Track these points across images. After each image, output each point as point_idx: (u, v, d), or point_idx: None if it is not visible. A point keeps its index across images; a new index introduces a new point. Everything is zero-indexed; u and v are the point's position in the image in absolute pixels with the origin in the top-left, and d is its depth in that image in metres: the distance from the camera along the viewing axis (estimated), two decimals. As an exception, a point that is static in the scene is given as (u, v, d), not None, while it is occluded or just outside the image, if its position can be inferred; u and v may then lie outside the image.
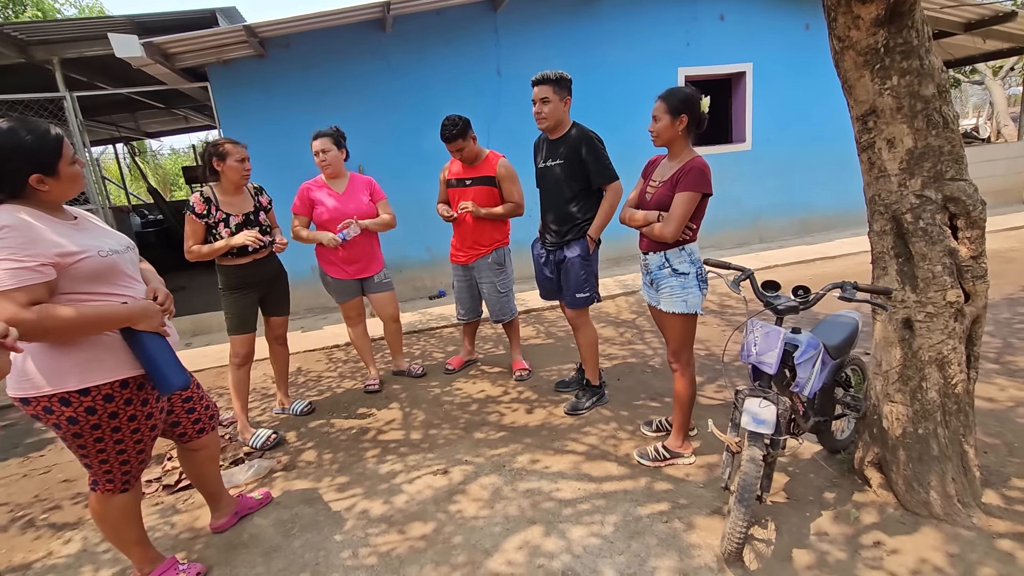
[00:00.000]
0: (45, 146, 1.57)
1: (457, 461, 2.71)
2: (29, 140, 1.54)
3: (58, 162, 1.59)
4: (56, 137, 1.60)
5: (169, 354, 1.81)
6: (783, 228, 7.22)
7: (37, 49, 4.52)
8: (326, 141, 3.21)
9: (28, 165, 1.55)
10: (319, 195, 3.29)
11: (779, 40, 6.61)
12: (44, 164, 1.57)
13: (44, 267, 1.52)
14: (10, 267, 1.46)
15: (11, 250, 1.48)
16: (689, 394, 2.44)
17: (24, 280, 1.48)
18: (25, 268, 1.48)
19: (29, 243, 1.51)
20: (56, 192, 1.63)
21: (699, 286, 2.31)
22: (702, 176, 2.19)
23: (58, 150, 1.59)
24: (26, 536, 2.49)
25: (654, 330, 4.36)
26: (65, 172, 1.62)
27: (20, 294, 1.47)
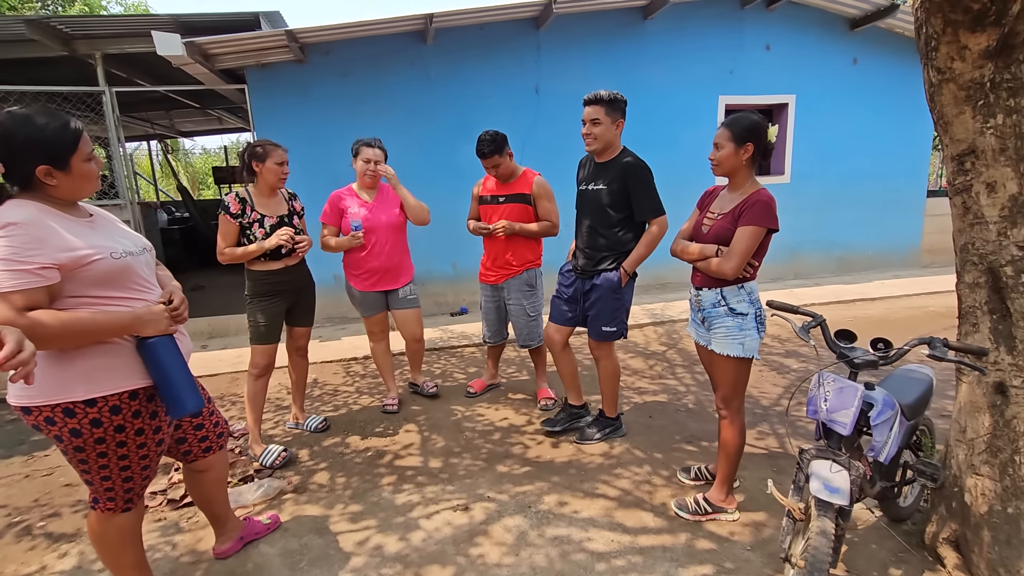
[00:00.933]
0: (60, 138, 1.46)
1: (479, 497, 2.53)
2: (44, 130, 1.44)
3: (71, 156, 1.49)
4: (74, 131, 1.50)
5: (185, 372, 1.68)
6: (820, 265, 6.97)
7: (80, 43, 4.54)
8: (380, 152, 3.16)
9: (39, 156, 1.44)
10: (349, 204, 3.20)
11: (825, 73, 6.45)
12: (56, 157, 1.46)
13: (45, 270, 1.41)
14: (8, 268, 1.35)
15: (13, 250, 1.36)
16: (738, 444, 2.24)
17: (21, 283, 1.36)
18: (24, 270, 1.37)
19: (34, 243, 1.39)
20: (66, 188, 1.52)
21: (757, 328, 2.12)
22: (768, 210, 2.02)
23: (73, 144, 1.49)
24: (20, 545, 2.35)
25: (686, 364, 4.16)
26: (78, 168, 1.51)
27: (16, 297, 1.35)
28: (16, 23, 4.16)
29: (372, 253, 3.19)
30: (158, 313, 1.61)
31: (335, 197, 3.22)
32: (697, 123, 6.17)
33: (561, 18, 5.45)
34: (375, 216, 3.18)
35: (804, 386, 3.35)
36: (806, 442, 2.89)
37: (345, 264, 3.29)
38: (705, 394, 3.58)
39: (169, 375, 1.62)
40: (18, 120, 1.44)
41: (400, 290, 3.35)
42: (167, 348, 1.63)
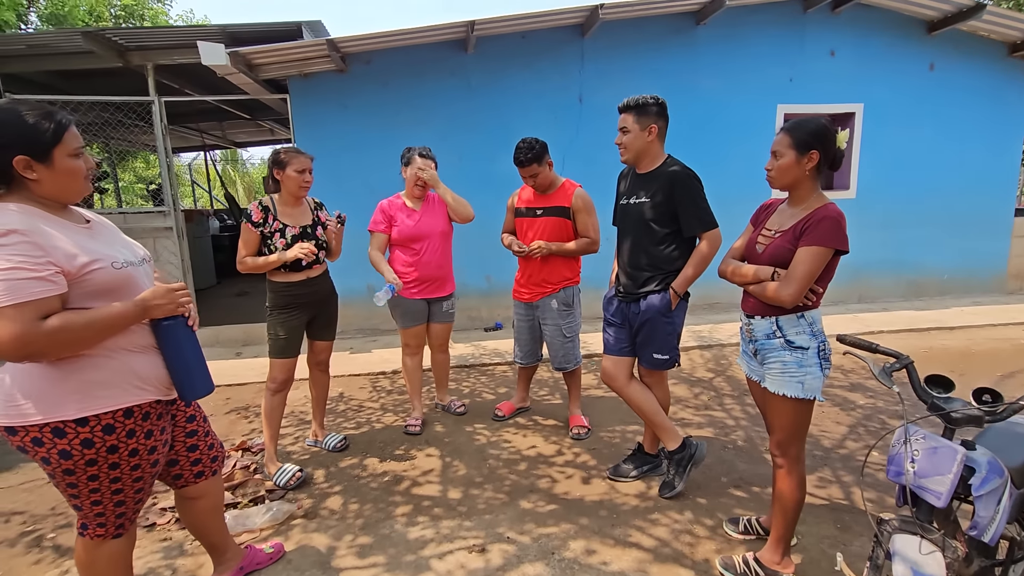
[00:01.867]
0: (40, 127, 1.34)
1: (497, 536, 2.30)
2: (22, 117, 1.33)
3: (53, 148, 1.36)
4: (59, 123, 1.38)
5: (199, 355, 1.63)
6: (888, 288, 6.39)
7: (134, 55, 4.68)
8: (429, 162, 3.12)
9: (15, 145, 1.32)
10: (398, 213, 3.14)
11: (897, 80, 5.94)
12: (35, 147, 1.34)
13: (57, 276, 1.31)
14: (23, 277, 1.25)
15: (22, 258, 1.26)
16: (796, 499, 1.92)
17: (37, 292, 1.27)
18: (37, 278, 1.27)
19: (38, 250, 1.29)
20: (49, 185, 1.39)
21: (820, 365, 1.81)
22: (836, 228, 1.73)
23: (56, 135, 1.37)
24: (28, 557, 2.29)
25: (736, 394, 3.79)
26: (61, 163, 1.38)
27: (30, 308, 1.26)
28: (74, 35, 4.32)
29: (419, 262, 3.14)
30: (164, 292, 1.50)
31: (384, 206, 3.17)
32: (754, 134, 5.78)
33: (607, 25, 5.24)
34: (423, 225, 3.14)
35: (879, 441, 2.95)
36: (878, 495, 2.51)
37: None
38: (757, 430, 3.23)
39: (185, 357, 1.59)
40: (4, 108, 1.35)
41: (443, 302, 3.29)
42: (183, 330, 1.58)
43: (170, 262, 5.01)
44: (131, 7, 10.06)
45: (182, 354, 1.59)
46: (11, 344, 1.24)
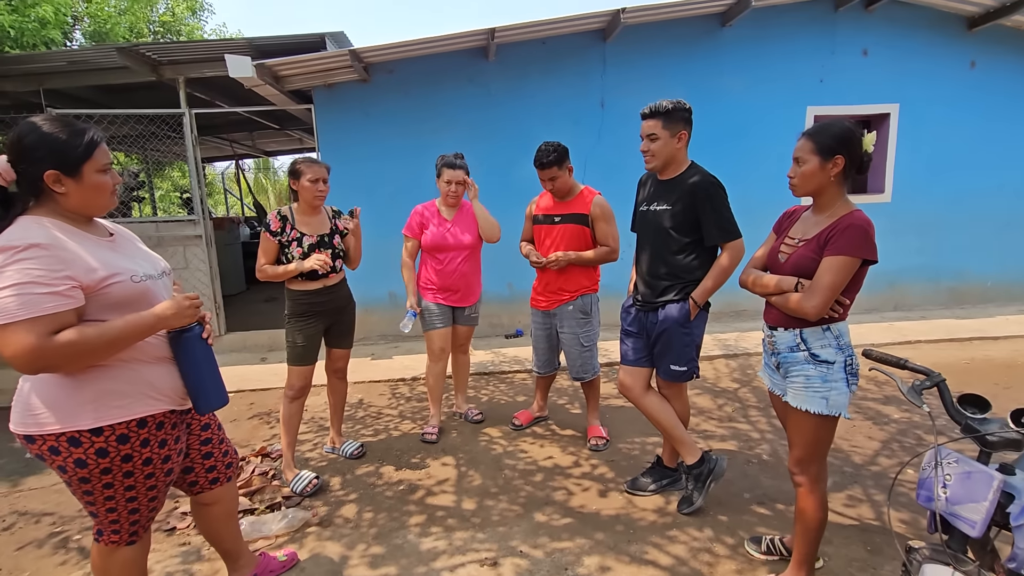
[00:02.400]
0: (71, 143, 1.39)
1: (510, 550, 2.26)
2: (54, 134, 1.38)
3: (83, 164, 1.41)
4: (90, 140, 1.42)
5: (214, 368, 1.65)
6: (925, 296, 6.11)
7: (166, 68, 4.83)
8: (463, 174, 3.17)
9: (47, 159, 1.37)
10: (431, 220, 3.20)
11: (935, 79, 5.69)
12: (65, 162, 1.38)
13: (74, 291, 1.34)
14: (42, 291, 1.28)
15: (40, 272, 1.29)
16: (818, 519, 1.83)
17: (53, 307, 1.29)
18: (54, 293, 1.29)
19: (60, 264, 1.32)
20: (76, 199, 1.43)
21: (846, 380, 1.73)
22: (863, 236, 1.64)
23: (87, 151, 1.41)
24: (55, 558, 2.36)
25: (762, 406, 3.67)
26: (89, 178, 1.42)
27: (44, 322, 1.28)
28: (110, 51, 4.49)
29: (445, 271, 3.18)
30: (177, 304, 1.51)
31: (418, 211, 3.25)
32: (782, 137, 5.61)
33: (630, 29, 5.17)
34: (454, 234, 3.18)
35: (912, 460, 2.81)
36: (912, 517, 2.38)
37: (419, 279, 3.28)
38: (783, 444, 3.11)
39: (199, 370, 1.60)
40: (29, 125, 1.40)
41: (467, 308, 3.35)
42: (199, 343, 1.59)
43: (199, 269, 5.15)
44: (169, 23, 10.46)
45: (197, 367, 1.61)
46: (25, 357, 1.26)
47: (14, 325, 1.26)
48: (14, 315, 1.25)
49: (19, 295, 1.26)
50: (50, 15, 7.92)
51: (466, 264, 3.23)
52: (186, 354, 1.59)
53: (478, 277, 3.36)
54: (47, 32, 7.96)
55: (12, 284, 1.27)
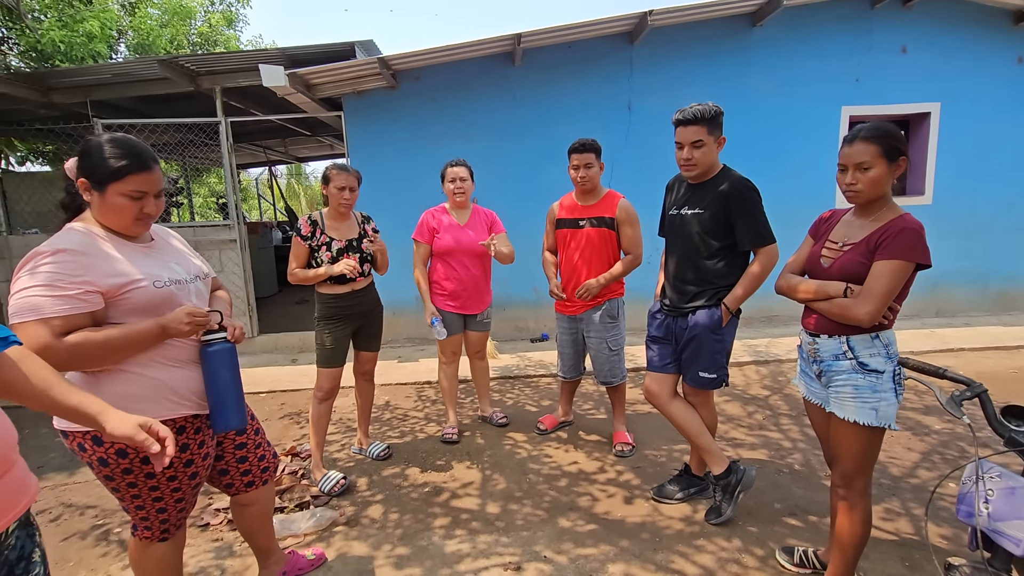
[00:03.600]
0: (107, 160, 1.46)
1: (534, 555, 2.25)
2: (101, 148, 1.47)
3: (110, 182, 1.47)
4: (127, 165, 1.47)
5: (235, 388, 1.65)
6: (969, 301, 5.87)
7: (204, 79, 5.01)
8: (465, 170, 3.18)
9: (83, 168, 1.49)
10: (443, 224, 3.19)
11: (979, 76, 5.48)
12: (93, 174, 1.47)
13: (88, 295, 1.40)
14: (52, 295, 1.35)
15: (58, 275, 1.37)
16: (859, 535, 1.77)
17: (63, 309, 1.36)
18: (67, 296, 1.37)
19: (80, 269, 1.40)
20: (97, 212, 1.52)
21: (895, 390, 1.66)
22: (917, 240, 1.59)
23: (118, 172, 1.46)
24: (96, 550, 2.46)
25: (794, 415, 3.58)
26: (112, 197, 1.48)
27: (56, 322, 1.35)
28: (151, 63, 4.69)
29: (456, 277, 3.18)
30: (181, 315, 1.51)
31: (428, 216, 3.23)
32: (816, 139, 5.50)
33: (657, 31, 5.13)
34: (467, 237, 3.17)
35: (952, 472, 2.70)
36: (953, 533, 2.28)
37: (431, 281, 3.27)
38: (816, 453, 3.02)
39: (218, 386, 1.61)
40: (96, 136, 1.52)
41: (478, 314, 3.33)
42: (222, 358, 1.61)
43: (234, 272, 5.30)
44: (207, 34, 10.85)
45: (215, 384, 1.61)
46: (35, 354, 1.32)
47: (28, 324, 1.33)
48: (25, 317, 1.34)
49: (34, 297, 1.34)
50: (96, 30, 8.32)
51: (478, 268, 3.23)
52: (207, 368, 1.61)
53: (488, 282, 3.34)
54: (94, 46, 8.35)
55: (31, 286, 1.35)
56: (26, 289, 1.35)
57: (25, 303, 1.34)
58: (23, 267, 1.40)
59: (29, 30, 8.29)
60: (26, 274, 1.38)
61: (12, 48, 9.05)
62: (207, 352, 1.61)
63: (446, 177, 3.18)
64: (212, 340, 1.62)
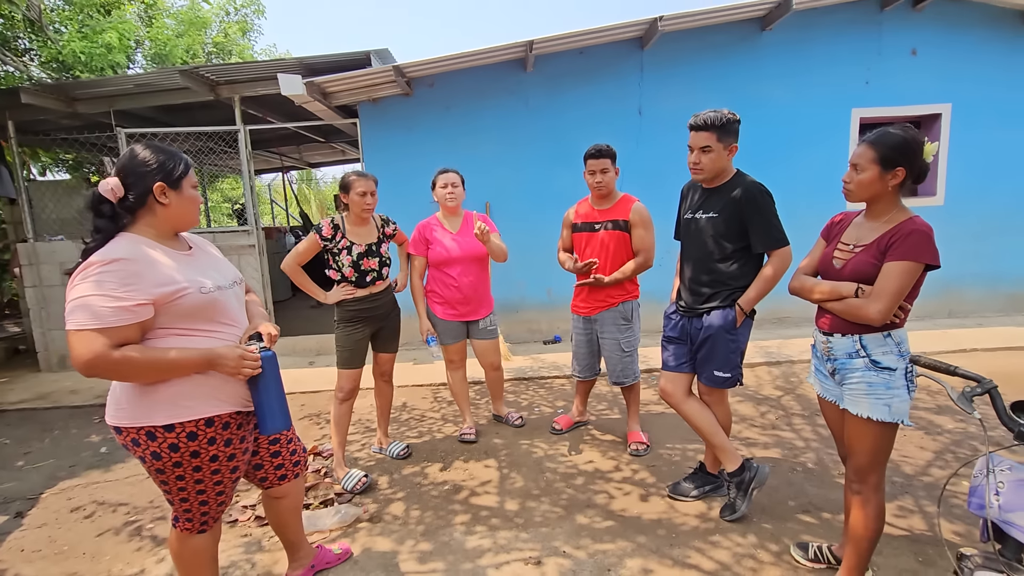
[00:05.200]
0: (175, 161, 1.64)
1: (553, 550, 2.32)
2: (162, 153, 1.63)
3: (183, 179, 1.64)
4: (186, 160, 1.68)
5: (278, 394, 1.73)
6: (982, 302, 5.86)
7: (223, 88, 5.13)
8: (457, 176, 3.21)
9: (156, 172, 1.59)
10: (437, 234, 3.21)
11: (990, 77, 5.49)
12: (170, 176, 1.61)
13: (140, 307, 1.48)
14: (109, 304, 1.43)
15: (113, 286, 1.45)
16: (873, 530, 1.82)
17: (119, 320, 1.44)
18: (122, 308, 1.45)
19: (133, 279, 1.48)
20: (175, 210, 1.64)
21: (907, 387, 1.72)
22: (927, 242, 1.64)
23: (186, 168, 1.66)
24: (130, 545, 2.55)
25: (806, 414, 3.61)
26: (186, 191, 1.66)
27: (112, 332, 1.43)
28: (172, 73, 4.82)
29: (454, 285, 3.20)
30: (234, 357, 1.60)
31: (421, 227, 3.25)
32: (826, 141, 5.53)
33: (667, 36, 5.20)
34: (461, 245, 3.18)
35: (965, 470, 2.72)
36: (963, 527, 2.32)
37: (429, 291, 3.30)
38: (829, 452, 3.06)
39: (264, 396, 1.69)
40: (140, 147, 1.63)
41: (480, 321, 3.32)
42: (267, 372, 1.68)
43: (252, 277, 5.42)
44: (222, 44, 11.06)
45: (264, 391, 1.69)
46: (85, 362, 1.41)
47: (81, 333, 1.41)
48: (82, 324, 1.41)
49: (89, 306, 1.42)
50: (115, 41, 8.50)
51: (476, 276, 3.23)
52: (253, 381, 1.68)
53: (487, 288, 3.35)
54: (113, 56, 8.54)
55: (86, 295, 1.42)
56: (85, 297, 1.42)
57: (84, 307, 1.42)
58: (79, 274, 1.47)
59: (51, 42, 8.49)
60: (82, 281, 1.45)
61: (34, 59, 9.27)
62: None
63: (437, 183, 3.19)
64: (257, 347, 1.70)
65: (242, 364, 1.61)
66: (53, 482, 3.22)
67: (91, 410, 4.44)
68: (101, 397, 4.68)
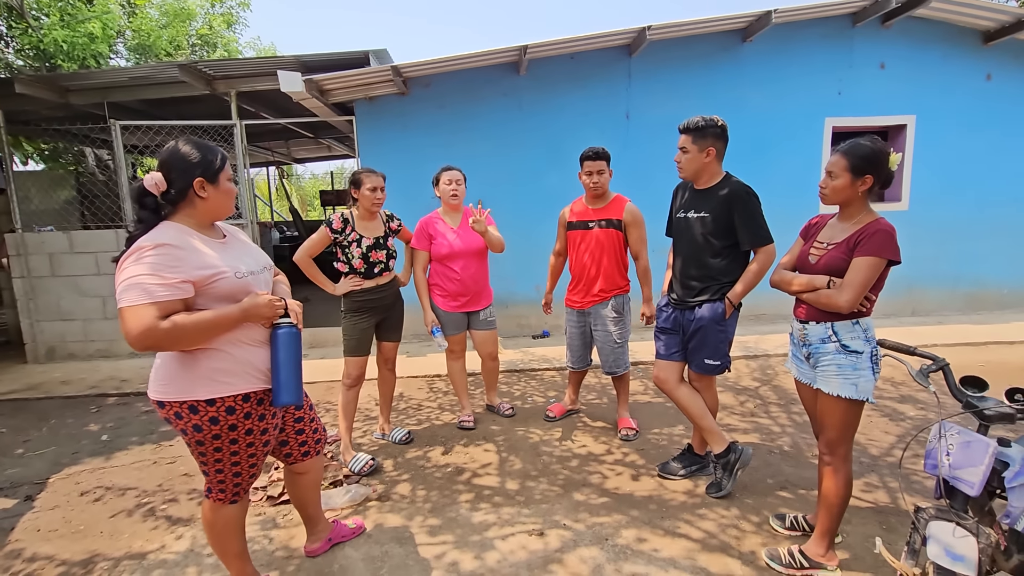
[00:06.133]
0: (213, 156, 1.75)
1: (554, 523, 2.50)
2: (200, 149, 1.73)
3: (219, 173, 1.75)
4: (223, 155, 1.79)
5: (294, 368, 1.84)
6: (942, 302, 6.26)
7: (220, 83, 5.19)
8: (460, 174, 3.34)
9: (196, 168, 1.70)
10: (438, 230, 3.35)
11: (951, 91, 5.88)
12: (208, 170, 1.72)
13: (184, 284, 1.61)
14: (157, 282, 1.56)
15: (160, 267, 1.58)
16: (842, 496, 2.04)
17: (166, 295, 1.57)
18: (168, 284, 1.57)
19: (177, 262, 1.60)
20: (213, 202, 1.75)
21: (872, 369, 1.94)
22: (889, 240, 1.87)
23: (223, 163, 1.77)
24: (146, 524, 2.65)
25: (782, 403, 3.87)
26: (223, 184, 1.77)
27: (161, 306, 1.56)
28: (170, 67, 4.86)
29: (456, 278, 3.34)
30: (262, 303, 1.74)
31: (424, 223, 3.38)
32: (802, 148, 5.85)
33: (654, 44, 5.43)
34: (463, 240, 3.32)
35: (922, 436, 3.00)
36: (922, 500, 2.58)
37: (431, 284, 3.43)
38: (803, 436, 3.31)
39: (281, 365, 1.80)
40: (184, 143, 1.74)
41: (481, 312, 3.48)
42: (285, 341, 1.80)
43: (246, 270, 5.47)
44: (207, 36, 10.95)
45: (279, 363, 1.80)
46: (138, 335, 1.53)
47: (134, 308, 1.54)
48: (133, 300, 1.54)
49: (140, 284, 1.54)
50: (98, 30, 8.39)
51: (477, 269, 3.37)
52: (275, 348, 1.80)
53: (487, 280, 3.49)
54: (96, 46, 8.43)
55: (137, 275, 1.55)
56: (135, 277, 1.55)
57: (136, 286, 1.54)
58: (128, 257, 1.60)
59: (32, 30, 8.33)
60: (132, 263, 1.58)
61: (9, 45, 9.07)
62: (277, 334, 1.81)
63: (441, 180, 3.32)
64: (281, 324, 1.83)
65: (274, 308, 1.77)
66: (57, 468, 3.28)
67: (87, 400, 4.46)
68: (95, 387, 4.71)
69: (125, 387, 4.69)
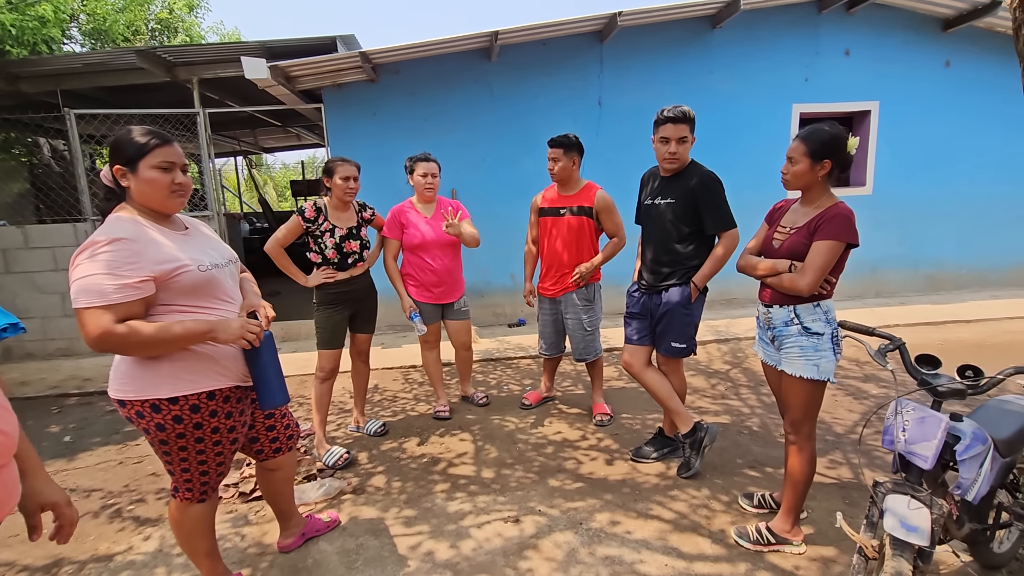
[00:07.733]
0: (133, 142, 1.61)
1: (529, 510, 2.52)
2: (125, 136, 1.62)
3: (139, 160, 1.60)
4: (148, 141, 1.61)
5: (276, 370, 1.81)
6: (904, 283, 6.47)
7: (181, 70, 5.01)
8: (436, 166, 3.28)
9: (116, 155, 1.62)
10: (411, 219, 3.30)
11: (913, 77, 6.02)
12: (123, 157, 1.61)
13: (143, 283, 1.54)
14: (113, 283, 1.49)
15: (117, 264, 1.50)
16: (806, 473, 2.10)
17: (121, 297, 1.50)
18: (126, 285, 1.50)
19: (134, 257, 1.53)
20: (135, 193, 1.64)
21: (833, 349, 2.00)
22: (847, 223, 1.91)
23: (142, 149, 1.60)
24: (112, 526, 2.58)
25: (751, 385, 3.97)
26: (143, 173, 1.61)
27: (116, 309, 1.49)
28: (128, 54, 4.66)
29: (430, 269, 3.31)
30: (232, 326, 1.68)
31: (396, 211, 3.33)
32: (770, 133, 5.93)
33: (625, 31, 5.43)
34: (436, 230, 3.28)
35: (881, 413, 3.11)
36: (883, 475, 2.68)
37: (404, 275, 3.39)
38: (771, 417, 3.40)
39: (265, 371, 1.76)
40: (121, 129, 1.65)
41: (455, 303, 3.47)
42: (264, 349, 1.76)
43: (213, 263, 5.34)
44: (167, 20, 10.53)
45: (262, 368, 1.76)
46: (94, 338, 1.47)
47: (93, 309, 1.47)
48: (88, 302, 1.47)
49: (95, 285, 1.47)
50: (49, 13, 7.97)
51: (450, 258, 3.34)
52: (254, 355, 1.74)
53: (460, 271, 3.47)
54: (47, 30, 8.01)
55: (91, 274, 1.48)
56: (89, 276, 1.47)
57: (90, 287, 1.47)
58: (81, 254, 1.52)
59: (-25, 13, 7.89)
60: (86, 260, 1.50)
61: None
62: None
63: (416, 171, 3.24)
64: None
65: (245, 332, 1.68)
66: (18, 471, 3.16)
67: (47, 401, 4.32)
68: (56, 387, 4.56)
69: (88, 386, 4.54)
